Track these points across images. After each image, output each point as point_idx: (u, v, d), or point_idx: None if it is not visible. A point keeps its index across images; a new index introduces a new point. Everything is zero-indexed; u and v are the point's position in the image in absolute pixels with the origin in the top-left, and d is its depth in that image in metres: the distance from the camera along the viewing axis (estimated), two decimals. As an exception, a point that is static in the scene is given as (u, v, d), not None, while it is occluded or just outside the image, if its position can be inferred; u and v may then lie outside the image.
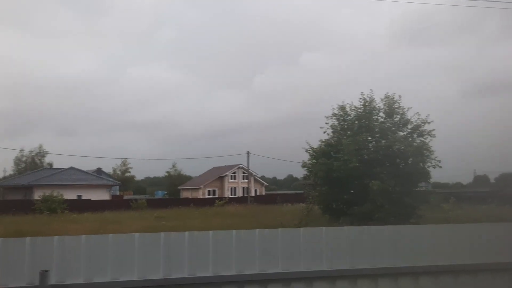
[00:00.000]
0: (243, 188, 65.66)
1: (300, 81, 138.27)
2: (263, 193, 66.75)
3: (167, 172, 79.41)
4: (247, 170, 57.99)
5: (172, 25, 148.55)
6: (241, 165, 65.32)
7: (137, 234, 3.80)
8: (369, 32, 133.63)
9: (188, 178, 78.75)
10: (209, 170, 73.21)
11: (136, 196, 59.52)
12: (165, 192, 78.95)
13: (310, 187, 24.71)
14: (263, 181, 71.21)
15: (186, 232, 3.78)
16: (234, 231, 3.87)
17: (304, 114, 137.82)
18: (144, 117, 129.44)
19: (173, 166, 78.18)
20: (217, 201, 42.73)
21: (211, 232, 3.82)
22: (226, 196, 56.10)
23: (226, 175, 67.25)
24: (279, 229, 4.12)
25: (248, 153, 53.09)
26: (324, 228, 4.18)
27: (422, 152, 21.72)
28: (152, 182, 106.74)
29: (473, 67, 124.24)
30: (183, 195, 66.99)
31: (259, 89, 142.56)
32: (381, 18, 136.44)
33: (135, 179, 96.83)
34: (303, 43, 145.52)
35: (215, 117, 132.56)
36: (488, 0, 20.77)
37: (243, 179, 66.59)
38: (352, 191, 22.51)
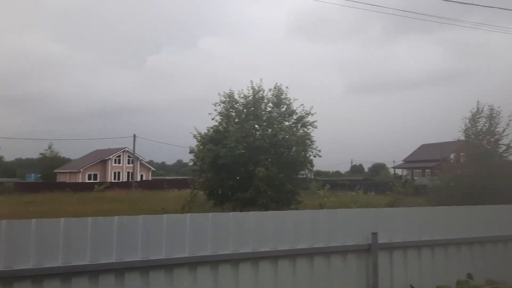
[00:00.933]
0: (128, 172, 62.74)
1: (197, 65, 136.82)
2: (150, 178, 64.62)
3: (41, 154, 72.11)
4: (133, 154, 55.45)
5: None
6: (126, 149, 62.21)
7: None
8: (267, 22, 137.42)
9: (67, 160, 72.58)
10: (91, 153, 68.43)
11: (4, 179, 53.02)
12: (38, 175, 71.66)
13: (197, 173, 24.43)
14: (150, 166, 68.90)
15: (62, 219, 3.68)
16: (116, 217, 3.83)
17: (198, 98, 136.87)
18: (19, 91, 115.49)
19: (49, 147, 71.24)
20: (97, 185, 40.01)
21: (90, 218, 3.76)
22: (108, 181, 52.97)
23: (109, 158, 63.45)
24: (164, 215, 4.10)
25: (134, 136, 50.69)
26: (210, 214, 4.24)
27: (305, 142, 22.87)
28: (24, 164, 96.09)
29: (358, 65, 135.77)
30: (60, 179, 61.59)
31: (153, 70, 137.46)
32: (280, 10, 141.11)
33: (4, 160, 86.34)
34: (202, 26, 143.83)
35: (102, 96, 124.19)
36: (373, 4, 22.50)
37: (129, 163, 63.59)
38: (237, 178, 22.80)
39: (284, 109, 24.31)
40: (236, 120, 23.77)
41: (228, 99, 24.32)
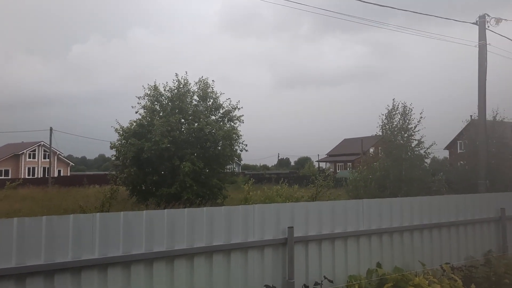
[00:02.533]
0: (44, 168, 58.53)
1: (125, 56, 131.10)
2: (68, 174, 60.85)
3: None
4: (49, 148, 51.77)
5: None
6: (42, 143, 57.93)
7: None
8: (200, 16, 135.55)
9: (-28, 156, 65.95)
10: (1, 147, 62.81)
11: None
12: None
13: (119, 168, 23.37)
14: (69, 161, 64.87)
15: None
16: (15, 219, 3.60)
17: (123, 90, 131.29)
18: None
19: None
20: (8, 182, 36.75)
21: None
22: (21, 177, 48.97)
23: (22, 153, 58.69)
24: (71, 215, 3.87)
25: (51, 129, 47.32)
26: (121, 213, 4.07)
27: (231, 136, 22.85)
28: None
29: (287, 62, 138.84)
30: (-36, 175, 55.79)
31: (77, 59, 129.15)
32: (213, 4, 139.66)
33: None
34: (133, 17, 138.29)
35: (16, 86, 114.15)
36: (301, 3, 22.99)
37: (45, 158, 59.31)
38: (162, 172, 22.21)
39: (210, 103, 24.09)
40: (161, 113, 23.11)
41: (153, 91, 23.55)
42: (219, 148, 22.79)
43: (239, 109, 24.06)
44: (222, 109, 24.04)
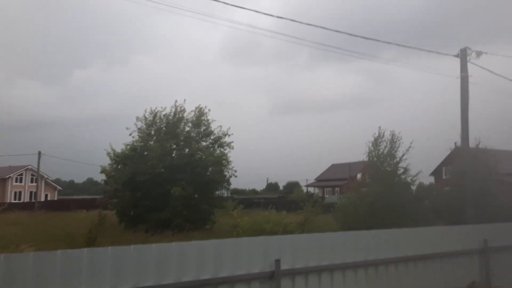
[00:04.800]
0: (31, 192, 57.68)
1: (125, 82, 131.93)
2: (55, 198, 59.96)
3: None
4: (37, 172, 51.18)
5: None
6: (30, 167, 57.27)
7: None
8: (201, 43, 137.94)
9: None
10: (-13, 171, 61.82)
11: None
12: None
13: (109, 193, 23.25)
14: (56, 185, 64.04)
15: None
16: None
17: (119, 115, 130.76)
18: None
19: None
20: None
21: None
22: (7, 201, 48.16)
23: (9, 177, 57.88)
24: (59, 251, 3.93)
25: (39, 153, 46.94)
26: (109, 248, 4.19)
27: (221, 162, 23.02)
28: None
29: (283, 89, 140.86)
30: (-51, 199, 54.64)
31: (78, 84, 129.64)
32: (214, 33, 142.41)
33: None
34: (136, 44, 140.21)
35: (11, 109, 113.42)
36: (298, 37, 23.71)
37: (32, 182, 58.52)
38: (153, 197, 22.15)
39: (202, 129, 24.31)
40: (154, 138, 23.29)
41: (150, 116, 23.79)
42: (209, 173, 22.89)
43: (229, 135, 24.33)
44: (213, 136, 24.27)
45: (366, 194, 21.46)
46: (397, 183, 21.13)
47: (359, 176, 39.70)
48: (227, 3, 11.16)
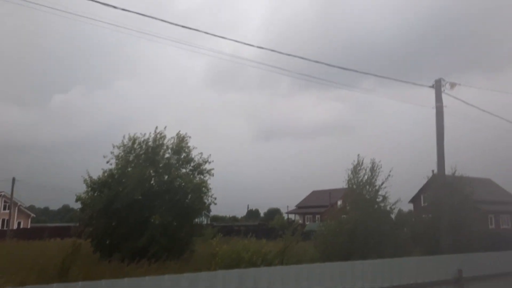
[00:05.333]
0: (3, 220, 55.73)
1: (106, 106, 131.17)
2: (28, 226, 58.03)
3: None
4: (11, 199, 49.65)
5: None
6: (2, 193, 55.54)
7: None
8: (185, 69, 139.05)
9: None
10: (-42, 197, 59.63)
11: None
12: None
13: (84, 221, 22.65)
14: (30, 212, 62.12)
15: None
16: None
17: (100, 139, 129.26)
18: None
19: None
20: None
21: None
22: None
23: (-19, 203, 55.93)
24: None
25: (14, 179, 45.69)
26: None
27: (201, 189, 22.82)
28: None
29: (264, 116, 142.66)
30: None
31: (56, 109, 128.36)
32: (198, 60, 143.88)
33: None
34: (119, 68, 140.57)
35: None
36: (279, 67, 24.20)
37: (4, 209, 56.62)
38: (130, 225, 21.69)
39: (182, 156, 24.16)
40: (133, 165, 22.95)
41: (129, 143, 23.47)
42: (188, 201, 22.63)
43: (209, 162, 24.23)
44: (193, 162, 24.12)
45: (346, 221, 21.58)
46: (376, 211, 21.35)
47: (339, 203, 39.90)
48: (210, 33, 11.41)
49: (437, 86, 17.87)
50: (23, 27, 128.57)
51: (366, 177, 22.04)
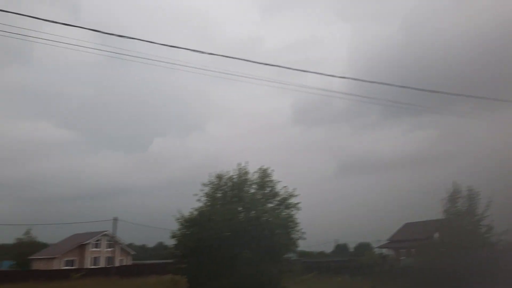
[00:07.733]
0: (107, 257, 60.22)
1: (199, 147, 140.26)
2: (130, 263, 61.96)
3: (18, 238, 69.15)
4: (113, 238, 53.72)
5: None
6: (106, 232, 60.37)
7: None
8: (272, 109, 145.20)
9: (44, 246, 69.58)
10: (69, 237, 65.96)
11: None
12: (13, 262, 68.04)
13: (178, 258, 23.68)
14: (129, 250, 66.45)
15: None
16: None
17: (192, 179, 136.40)
18: (10, 174, 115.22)
19: (27, 232, 68.48)
20: (72, 273, 38.05)
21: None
22: (86, 267, 50.63)
23: (88, 243, 61.18)
24: None
25: (115, 219, 49.58)
26: None
27: (288, 224, 22.72)
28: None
29: (351, 148, 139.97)
30: (36, 266, 58.57)
31: (155, 152, 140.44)
32: (285, 98, 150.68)
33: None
34: (212, 111, 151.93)
35: (93, 178, 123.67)
36: (370, 97, 24.06)
37: (108, 248, 61.29)
38: (221, 262, 22.17)
39: (268, 191, 24.41)
40: (220, 202, 23.71)
41: (216, 180, 24.45)
42: (276, 236, 22.58)
43: (295, 196, 24.12)
44: (279, 197, 24.21)
45: (445, 255, 19.98)
46: (480, 244, 19.52)
47: (436, 235, 37.01)
48: (293, 68, 11.78)
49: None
50: (124, 81, 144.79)
51: (464, 207, 20.39)
